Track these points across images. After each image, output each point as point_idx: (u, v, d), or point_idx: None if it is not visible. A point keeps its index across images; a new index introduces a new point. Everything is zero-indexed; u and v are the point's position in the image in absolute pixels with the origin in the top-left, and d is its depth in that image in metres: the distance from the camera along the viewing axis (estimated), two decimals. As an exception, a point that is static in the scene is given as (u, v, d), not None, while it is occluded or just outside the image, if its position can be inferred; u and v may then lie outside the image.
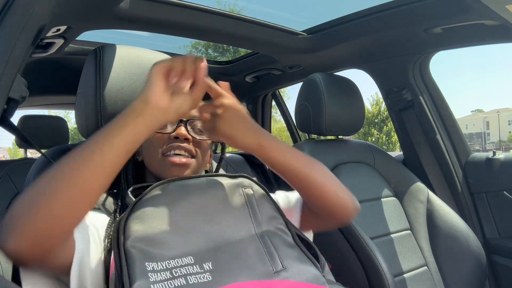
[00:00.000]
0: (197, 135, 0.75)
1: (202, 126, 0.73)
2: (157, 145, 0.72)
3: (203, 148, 0.75)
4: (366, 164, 1.48)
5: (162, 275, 0.51)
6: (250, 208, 0.64)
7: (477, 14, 1.14)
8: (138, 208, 0.58)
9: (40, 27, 0.71)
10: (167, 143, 0.72)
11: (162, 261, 0.53)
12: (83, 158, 0.53)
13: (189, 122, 0.74)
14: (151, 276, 0.50)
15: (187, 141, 0.72)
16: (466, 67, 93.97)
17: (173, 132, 0.72)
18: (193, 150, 0.73)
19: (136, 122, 0.56)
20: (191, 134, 0.74)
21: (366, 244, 1.08)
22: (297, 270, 0.57)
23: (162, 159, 0.72)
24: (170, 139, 0.72)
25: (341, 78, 1.51)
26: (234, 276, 0.54)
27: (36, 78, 1.65)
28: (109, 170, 0.54)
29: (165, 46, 1.99)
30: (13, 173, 1.73)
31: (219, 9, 1.29)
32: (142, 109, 0.57)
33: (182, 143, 0.72)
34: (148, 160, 0.75)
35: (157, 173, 0.73)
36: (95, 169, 0.53)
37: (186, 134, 0.72)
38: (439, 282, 1.29)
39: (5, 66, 0.57)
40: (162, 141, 0.73)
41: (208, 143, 0.77)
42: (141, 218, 0.57)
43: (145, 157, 0.76)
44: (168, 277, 0.51)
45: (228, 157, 2.51)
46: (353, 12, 1.40)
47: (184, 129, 0.72)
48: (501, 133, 41.35)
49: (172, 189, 0.63)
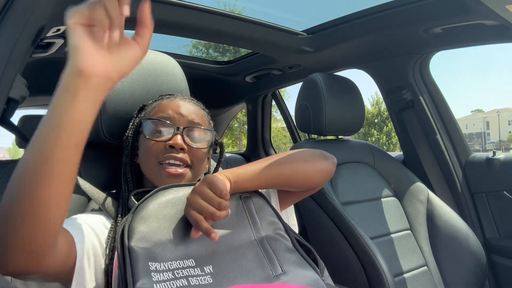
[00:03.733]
0: (194, 143, 0.74)
1: None
2: (153, 153, 0.72)
3: (198, 157, 0.75)
4: (366, 164, 1.48)
5: (164, 275, 0.51)
6: (248, 215, 0.65)
7: (477, 14, 1.14)
8: (142, 210, 0.59)
9: (40, 27, 0.71)
10: (163, 152, 0.71)
11: (164, 262, 0.53)
12: (32, 167, 0.45)
13: (186, 130, 0.73)
14: (154, 275, 0.51)
15: (183, 151, 0.72)
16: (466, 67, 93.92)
17: (170, 141, 0.71)
18: (188, 160, 0.72)
19: (75, 104, 0.44)
20: (188, 143, 0.73)
21: (366, 244, 1.08)
22: (297, 274, 0.58)
23: (158, 168, 0.72)
24: (166, 148, 0.71)
25: (341, 78, 1.51)
26: (234, 280, 0.54)
27: (36, 78, 1.65)
28: (65, 172, 0.46)
29: (165, 46, 1.99)
30: (13, 173, 1.73)
31: (219, 9, 1.29)
32: (76, 85, 0.45)
33: (178, 154, 0.71)
34: (145, 168, 0.75)
35: (153, 181, 0.73)
36: (50, 176, 0.44)
37: (182, 144, 0.71)
38: (439, 282, 1.29)
39: (5, 66, 0.57)
40: (158, 149, 0.72)
41: (204, 151, 0.77)
42: (144, 219, 0.57)
43: (141, 164, 0.76)
44: (171, 277, 0.52)
45: (228, 157, 2.52)
46: (353, 12, 1.40)
47: (181, 137, 0.72)
48: (501, 133, 41.35)
49: (174, 193, 0.63)
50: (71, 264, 0.55)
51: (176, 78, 0.92)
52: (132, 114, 0.83)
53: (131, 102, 0.83)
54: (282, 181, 0.72)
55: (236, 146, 15.66)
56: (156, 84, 0.87)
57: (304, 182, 0.76)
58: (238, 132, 14.73)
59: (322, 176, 0.78)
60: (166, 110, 0.75)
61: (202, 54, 9.10)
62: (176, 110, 0.75)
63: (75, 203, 0.78)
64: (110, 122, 0.81)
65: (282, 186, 0.75)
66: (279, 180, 0.71)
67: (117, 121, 0.81)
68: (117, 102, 0.82)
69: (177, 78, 0.92)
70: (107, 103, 0.80)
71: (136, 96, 0.84)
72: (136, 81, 0.85)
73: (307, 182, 0.76)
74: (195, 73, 2.05)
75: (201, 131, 0.76)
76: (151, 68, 0.88)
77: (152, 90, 0.86)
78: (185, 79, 0.95)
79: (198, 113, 0.78)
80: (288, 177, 0.72)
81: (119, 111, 0.82)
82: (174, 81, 0.91)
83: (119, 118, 0.82)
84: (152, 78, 0.87)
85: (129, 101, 0.83)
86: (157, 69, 0.89)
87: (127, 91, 0.83)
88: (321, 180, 0.78)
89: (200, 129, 0.76)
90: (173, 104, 0.76)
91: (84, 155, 0.84)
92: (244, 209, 0.65)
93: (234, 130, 14.60)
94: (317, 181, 0.78)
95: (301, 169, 0.74)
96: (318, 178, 0.77)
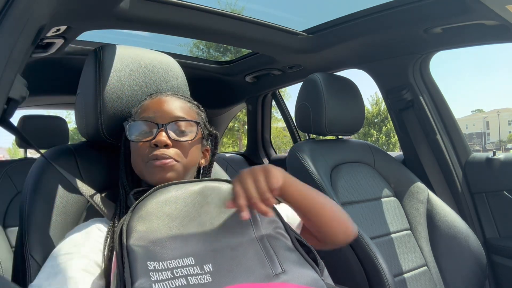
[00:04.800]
0: (178, 136, 0.74)
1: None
2: (140, 153, 0.72)
3: (184, 149, 0.74)
4: (366, 164, 1.48)
5: (163, 274, 0.51)
6: (249, 212, 0.64)
7: (477, 14, 1.14)
8: (140, 209, 0.59)
9: (40, 27, 0.71)
10: (149, 152, 0.72)
11: (163, 261, 0.53)
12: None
13: (169, 125, 0.73)
14: (153, 275, 0.51)
15: (167, 147, 0.72)
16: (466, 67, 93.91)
17: (153, 140, 0.71)
18: (173, 154, 0.72)
19: None
20: (173, 137, 0.73)
21: (366, 244, 1.08)
22: (297, 273, 0.58)
23: (147, 167, 0.72)
24: (151, 147, 0.72)
25: (341, 78, 1.51)
26: (234, 278, 0.54)
27: (36, 78, 1.65)
28: None
29: (165, 46, 1.99)
30: (13, 173, 1.73)
31: (220, 9, 1.29)
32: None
33: (161, 150, 0.71)
34: (136, 169, 0.76)
35: (146, 179, 0.73)
36: None
37: (165, 140, 0.71)
38: (439, 282, 1.29)
39: (5, 66, 0.57)
40: (144, 149, 0.72)
41: (189, 143, 0.76)
42: (143, 218, 0.57)
43: (133, 166, 0.77)
44: (169, 277, 0.51)
45: (228, 157, 2.52)
46: (353, 12, 1.40)
47: (165, 134, 0.72)
48: (501, 133, 41.36)
49: (173, 191, 0.63)
50: None
51: (176, 78, 0.92)
52: (131, 114, 0.83)
53: (131, 102, 0.83)
54: (319, 209, 0.74)
55: (236, 146, 15.66)
56: (156, 84, 0.87)
57: (331, 223, 0.76)
58: (238, 130, 14.72)
59: (344, 231, 0.79)
60: (148, 109, 0.75)
61: (203, 53, 9.10)
62: (158, 108, 0.75)
63: (74, 203, 0.78)
64: (110, 122, 0.81)
65: (315, 215, 0.75)
66: (316, 207, 0.74)
67: (116, 121, 0.81)
68: (117, 102, 0.81)
69: (177, 78, 0.92)
70: (107, 103, 0.80)
71: (136, 96, 0.84)
72: (136, 81, 0.85)
73: (333, 225, 0.77)
74: (195, 73, 2.05)
75: (186, 124, 0.75)
76: (151, 68, 0.88)
77: (151, 90, 0.86)
78: (185, 79, 0.95)
79: (183, 106, 0.77)
80: (326, 210, 0.75)
81: (118, 111, 0.82)
82: (174, 81, 0.91)
83: (119, 118, 0.82)
84: (152, 78, 0.87)
85: (129, 101, 0.83)
86: (157, 69, 0.89)
87: (127, 91, 0.83)
88: (340, 233, 0.78)
89: (184, 122, 0.75)
90: (154, 102, 0.76)
91: (84, 155, 0.84)
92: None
93: (234, 130, 14.60)
94: (338, 231, 0.78)
95: (336, 212, 0.77)
96: (340, 229, 0.78)
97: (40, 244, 0.70)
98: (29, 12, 0.63)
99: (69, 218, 0.76)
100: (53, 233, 0.72)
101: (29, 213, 0.72)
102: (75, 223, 0.77)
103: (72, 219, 0.76)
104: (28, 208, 0.73)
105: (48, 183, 0.76)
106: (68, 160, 0.80)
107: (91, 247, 0.64)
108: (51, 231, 0.72)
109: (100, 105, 0.80)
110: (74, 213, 0.77)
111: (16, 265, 0.71)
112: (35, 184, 0.76)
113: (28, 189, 0.76)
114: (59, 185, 0.77)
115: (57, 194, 0.76)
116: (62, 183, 0.77)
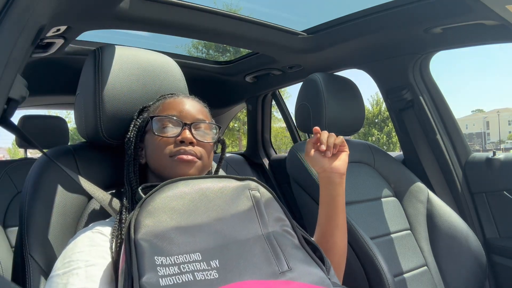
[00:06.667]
0: (201, 137, 0.77)
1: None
2: (164, 148, 0.74)
3: (207, 150, 0.78)
4: (366, 164, 1.48)
5: (170, 269, 0.51)
6: (257, 210, 0.64)
7: (477, 14, 1.14)
8: (148, 204, 0.59)
9: (40, 27, 0.71)
10: (174, 146, 0.74)
11: (170, 256, 0.53)
12: None
13: (193, 125, 0.76)
14: (160, 270, 0.51)
15: (192, 144, 0.75)
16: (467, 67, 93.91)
17: (179, 136, 0.74)
18: (197, 152, 0.75)
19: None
20: (196, 137, 0.76)
21: (366, 244, 1.08)
22: (303, 271, 0.58)
23: (170, 161, 0.73)
24: (176, 143, 0.74)
25: (341, 78, 1.51)
26: (240, 275, 0.54)
27: (36, 78, 1.65)
28: None
29: (165, 46, 1.99)
30: (13, 173, 1.73)
31: (219, 9, 1.29)
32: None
33: (187, 147, 0.74)
34: (155, 163, 0.76)
35: (165, 173, 0.74)
36: None
37: (191, 138, 0.74)
38: (439, 282, 1.29)
39: (5, 66, 0.57)
40: (168, 144, 0.74)
41: (211, 145, 0.80)
42: (151, 213, 0.57)
43: (151, 159, 0.77)
44: (176, 272, 0.51)
45: (228, 157, 2.51)
46: (353, 12, 1.40)
47: (189, 132, 0.75)
48: (501, 133, 41.37)
49: (181, 187, 0.63)
50: None
51: (175, 78, 0.92)
52: (131, 114, 0.83)
53: (130, 102, 0.83)
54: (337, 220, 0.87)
55: (236, 146, 15.66)
56: (155, 84, 0.87)
57: (337, 233, 0.86)
58: (238, 130, 14.71)
59: (343, 252, 0.88)
60: (171, 107, 0.78)
61: (202, 54, 9.09)
62: (182, 107, 0.78)
63: (74, 203, 0.78)
64: (109, 122, 0.81)
65: (330, 219, 0.87)
66: (337, 217, 0.87)
67: (116, 122, 0.81)
68: (116, 102, 0.81)
69: (176, 78, 0.92)
70: (106, 104, 0.80)
71: (135, 97, 0.84)
72: (135, 81, 0.85)
73: (338, 235, 0.86)
74: (195, 73, 2.05)
75: (207, 126, 0.80)
76: (150, 69, 0.88)
77: (150, 91, 0.86)
78: (184, 79, 0.95)
79: (202, 109, 0.81)
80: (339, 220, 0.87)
81: (118, 112, 0.82)
82: (173, 82, 0.91)
83: (118, 118, 0.82)
84: (151, 78, 0.87)
85: (128, 102, 0.83)
86: (156, 69, 0.89)
87: (126, 91, 0.83)
88: (339, 251, 0.87)
89: (205, 124, 0.79)
90: (177, 101, 0.79)
91: (83, 156, 0.84)
92: (253, 202, 0.65)
93: (234, 130, 14.59)
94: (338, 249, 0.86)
95: (344, 229, 0.88)
96: (340, 247, 0.87)
97: (40, 244, 0.70)
98: (29, 12, 0.63)
99: (69, 218, 0.76)
100: (53, 233, 0.72)
101: (29, 213, 0.72)
102: (75, 223, 0.77)
103: (72, 219, 0.76)
104: (28, 208, 0.73)
105: (48, 183, 0.76)
106: (67, 161, 0.80)
107: (97, 252, 0.63)
108: (51, 231, 0.72)
109: (99, 106, 0.80)
110: (74, 213, 0.77)
111: (16, 265, 0.71)
112: (35, 184, 0.76)
113: (28, 189, 0.76)
114: (59, 185, 0.77)
115: (57, 194, 0.76)
116: (63, 183, 0.77)
